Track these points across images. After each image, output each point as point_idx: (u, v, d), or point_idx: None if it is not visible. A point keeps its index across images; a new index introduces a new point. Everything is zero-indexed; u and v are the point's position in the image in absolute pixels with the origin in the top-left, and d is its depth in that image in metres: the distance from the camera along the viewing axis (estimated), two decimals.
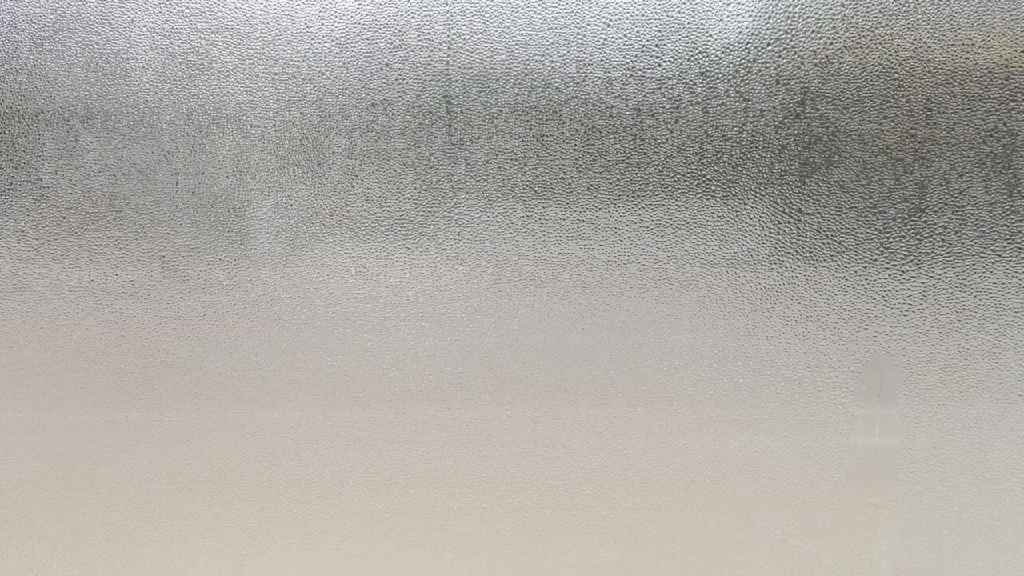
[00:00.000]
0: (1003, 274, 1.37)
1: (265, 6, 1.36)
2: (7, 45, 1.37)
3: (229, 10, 1.36)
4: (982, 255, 1.36)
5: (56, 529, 1.46)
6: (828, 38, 1.34)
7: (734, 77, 1.35)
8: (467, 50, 1.35)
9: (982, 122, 1.34)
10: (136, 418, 1.43)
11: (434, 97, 1.36)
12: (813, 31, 1.34)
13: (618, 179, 1.37)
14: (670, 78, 1.35)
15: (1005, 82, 1.33)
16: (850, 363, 1.40)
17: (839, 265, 1.38)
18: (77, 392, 1.43)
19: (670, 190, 1.37)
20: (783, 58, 1.34)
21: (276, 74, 1.36)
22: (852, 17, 1.34)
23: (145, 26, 1.36)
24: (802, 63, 1.35)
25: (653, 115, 1.35)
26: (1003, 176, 1.35)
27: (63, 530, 1.46)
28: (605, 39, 1.35)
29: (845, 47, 1.34)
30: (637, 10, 1.35)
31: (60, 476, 1.45)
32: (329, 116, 1.37)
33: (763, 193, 1.36)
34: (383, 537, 1.45)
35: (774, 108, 1.35)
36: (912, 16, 1.34)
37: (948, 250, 1.37)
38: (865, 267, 1.38)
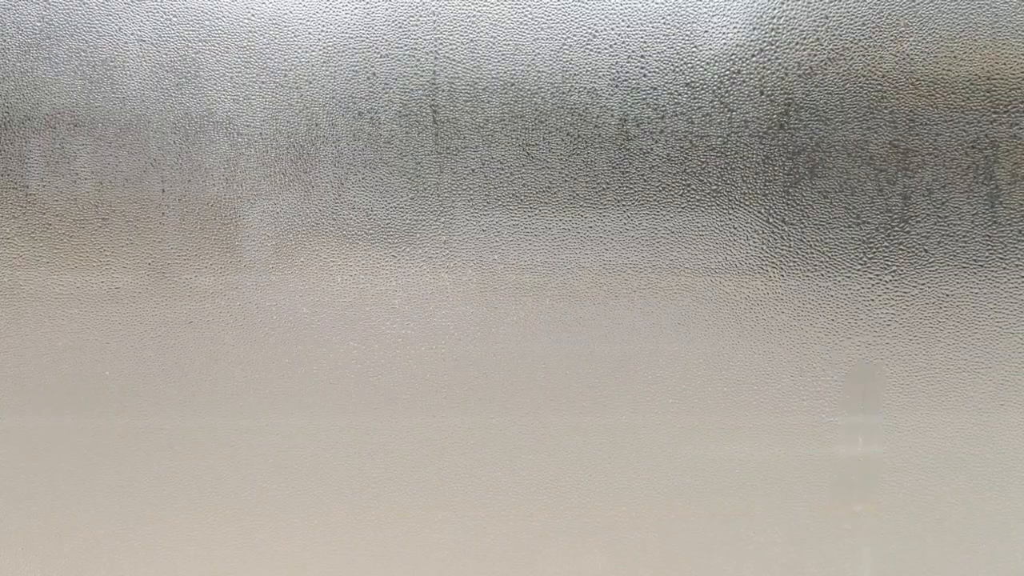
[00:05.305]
0: (985, 284, 1.38)
1: (253, 15, 1.37)
2: None
3: (217, 19, 1.37)
4: (964, 265, 1.37)
5: (40, 536, 1.45)
6: (812, 49, 1.35)
7: (719, 88, 1.36)
8: (454, 60, 1.36)
9: (964, 133, 1.35)
10: (121, 425, 1.43)
11: (421, 106, 1.37)
12: (797, 43, 1.35)
13: (604, 188, 1.38)
14: (655, 88, 1.36)
15: (987, 94, 1.35)
16: (834, 372, 1.41)
17: (823, 275, 1.39)
18: (62, 399, 1.43)
19: (655, 199, 1.38)
20: (767, 69, 1.36)
21: (264, 82, 1.37)
22: (836, 29, 1.35)
23: (133, 34, 1.37)
24: (786, 74, 1.36)
25: (638, 125, 1.36)
26: (985, 187, 1.36)
27: (47, 537, 1.45)
28: (591, 49, 1.36)
29: (829, 58, 1.36)
30: (623, 21, 1.36)
31: (44, 483, 1.45)
32: (316, 124, 1.37)
33: (747, 203, 1.37)
34: (368, 545, 1.45)
35: (758, 119, 1.36)
36: (895, 28, 1.35)
37: (931, 260, 1.38)
38: (849, 276, 1.39)
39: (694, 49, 1.35)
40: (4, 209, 1.39)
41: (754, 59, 1.35)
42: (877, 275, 1.38)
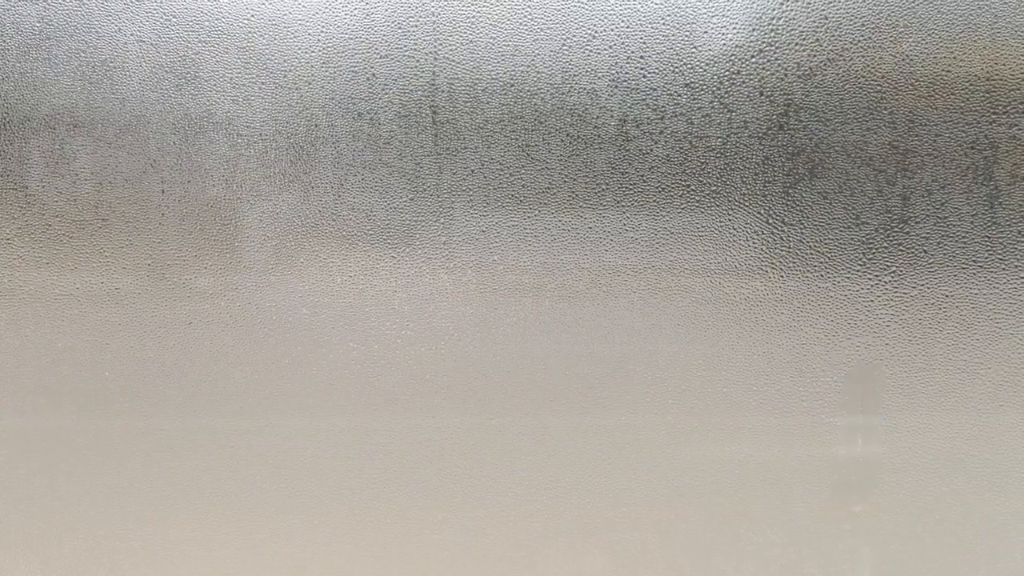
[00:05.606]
0: (984, 285, 1.38)
1: (253, 16, 1.37)
2: None
3: (217, 19, 1.37)
4: (963, 266, 1.37)
5: (40, 536, 1.46)
6: (811, 50, 1.35)
7: (718, 88, 1.36)
8: (454, 61, 1.36)
9: (963, 134, 1.35)
10: (121, 426, 1.43)
11: (421, 107, 1.37)
12: (797, 43, 1.35)
13: (603, 189, 1.38)
14: (655, 89, 1.36)
15: (986, 95, 1.35)
16: (833, 372, 1.41)
17: (822, 275, 1.39)
18: (61, 400, 1.43)
19: (655, 200, 1.38)
20: (767, 70, 1.36)
21: (263, 83, 1.37)
22: (835, 29, 1.35)
23: (133, 35, 1.37)
24: (786, 75, 1.36)
25: (638, 126, 1.36)
26: (984, 188, 1.36)
27: (47, 537, 1.46)
28: (591, 50, 1.36)
29: (828, 59, 1.36)
30: (623, 21, 1.36)
31: (43, 484, 1.45)
32: (316, 125, 1.37)
33: (747, 203, 1.37)
34: (368, 546, 1.45)
35: (758, 120, 1.36)
36: (895, 29, 1.35)
37: (930, 261, 1.38)
38: (848, 277, 1.39)
39: (694, 50, 1.36)
40: (4, 209, 1.39)
41: (754, 60, 1.36)
42: (877, 276, 1.38)
